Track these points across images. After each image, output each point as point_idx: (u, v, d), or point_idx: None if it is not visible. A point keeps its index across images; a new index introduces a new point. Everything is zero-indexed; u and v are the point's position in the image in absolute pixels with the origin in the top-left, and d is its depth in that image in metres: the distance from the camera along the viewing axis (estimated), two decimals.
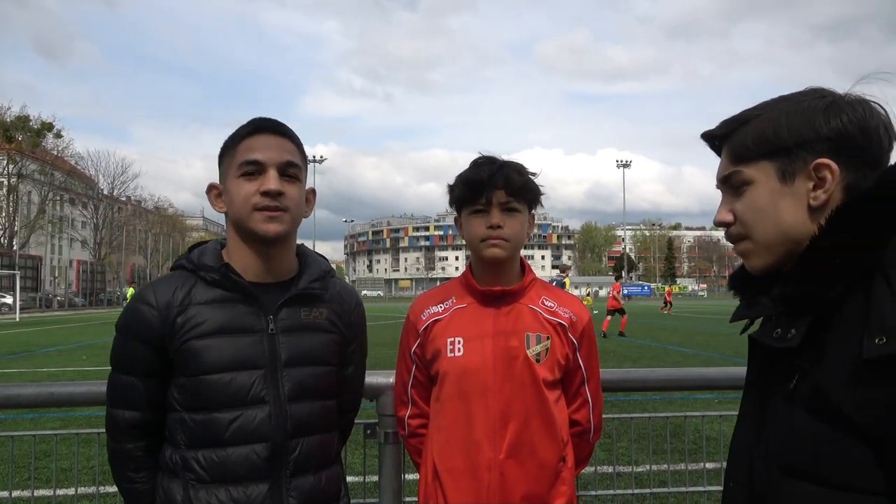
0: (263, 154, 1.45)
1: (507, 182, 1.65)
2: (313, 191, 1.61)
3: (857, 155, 0.97)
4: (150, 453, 1.50)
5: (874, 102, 0.99)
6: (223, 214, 1.54)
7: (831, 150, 0.97)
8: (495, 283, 1.72)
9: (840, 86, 1.02)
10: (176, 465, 1.44)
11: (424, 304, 1.82)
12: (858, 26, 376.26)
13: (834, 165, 0.97)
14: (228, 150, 1.50)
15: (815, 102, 0.99)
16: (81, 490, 3.76)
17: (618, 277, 25.71)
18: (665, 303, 39.04)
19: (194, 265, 1.50)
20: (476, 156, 1.75)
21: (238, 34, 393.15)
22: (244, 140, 1.48)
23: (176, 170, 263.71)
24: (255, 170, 1.45)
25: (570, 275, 17.86)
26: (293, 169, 1.49)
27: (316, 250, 1.70)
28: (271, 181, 1.44)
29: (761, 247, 1.04)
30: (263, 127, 1.49)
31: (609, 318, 19.85)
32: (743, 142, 1.04)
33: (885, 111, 0.99)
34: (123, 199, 75.16)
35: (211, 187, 1.54)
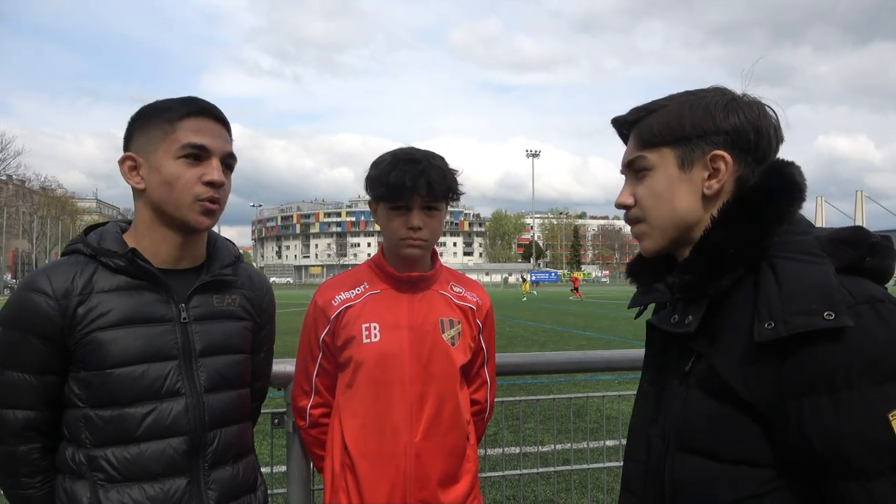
0: (211, 141, 1.37)
1: (431, 188, 1.62)
2: None
3: (749, 151, 1.05)
4: (46, 455, 1.39)
5: (767, 105, 1.07)
6: (128, 193, 1.41)
7: (727, 143, 1.04)
8: (410, 270, 1.73)
9: (731, 85, 1.10)
10: (80, 466, 1.33)
11: (334, 290, 1.78)
12: (748, 30, 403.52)
13: (728, 157, 1.04)
14: (158, 122, 1.37)
15: (717, 99, 1.07)
16: None
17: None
18: (574, 289, 40.19)
19: (94, 250, 1.37)
20: (390, 143, 1.75)
21: (132, 4, 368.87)
22: (186, 119, 1.36)
23: (65, 147, 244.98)
24: (199, 154, 1.36)
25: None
26: (232, 160, 1.43)
27: (222, 235, 1.64)
28: (216, 172, 1.37)
29: (656, 230, 1.11)
30: (208, 110, 1.40)
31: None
32: (649, 129, 1.10)
33: (776, 114, 1.08)
34: (4, 177, 68.96)
35: (126, 158, 1.39)
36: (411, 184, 1.61)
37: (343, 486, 1.69)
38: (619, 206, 1.15)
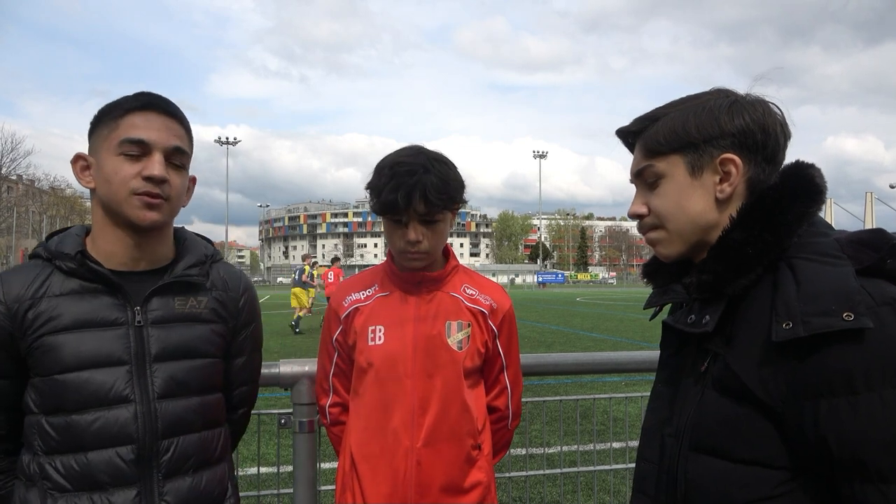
0: (151, 135, 1.32)
1: (427, 202, 1.56)
2: (195, 179, 1.48)
3: (758, 151, 1.04)
4: (8, 457, 1.38)
5: (771, 103, 1.07)
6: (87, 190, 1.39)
7: (735, 145, 1.04)
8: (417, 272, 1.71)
9: (740, 85, 1.10)
10: (34, 474, 1.31)
11: (347, 291, 1.79)
12: (757, 28, 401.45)
13: (738, 160, 1.04)
14: (107, 120, 1.34)
15: (720, 101, 1.06)
16: None
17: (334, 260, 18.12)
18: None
19: (50, 253, 1.36)
20: (396, 144, 1.72)
21: (139, 6, 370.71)
22: (129, 115, 1.33)
23: (74, 147, 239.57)
24: (138, 151, 1.31)
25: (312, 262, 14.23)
26: (180, 156, 1.37)
27: (228, 236, 1.63)
28: (156, 167, 1.31)
29: (674, 236, 1.10)
30: (153, 104, 1.35)
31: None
32: (655, 137, 1.09)
33: (781, 111, 1.07)
34: (14, 177, 69.37)
35: (77, 157, 1.37)
36: (404, 202, 1.56)
37: (350, 487, 1.69)
38: (632, 216, 1.15)
